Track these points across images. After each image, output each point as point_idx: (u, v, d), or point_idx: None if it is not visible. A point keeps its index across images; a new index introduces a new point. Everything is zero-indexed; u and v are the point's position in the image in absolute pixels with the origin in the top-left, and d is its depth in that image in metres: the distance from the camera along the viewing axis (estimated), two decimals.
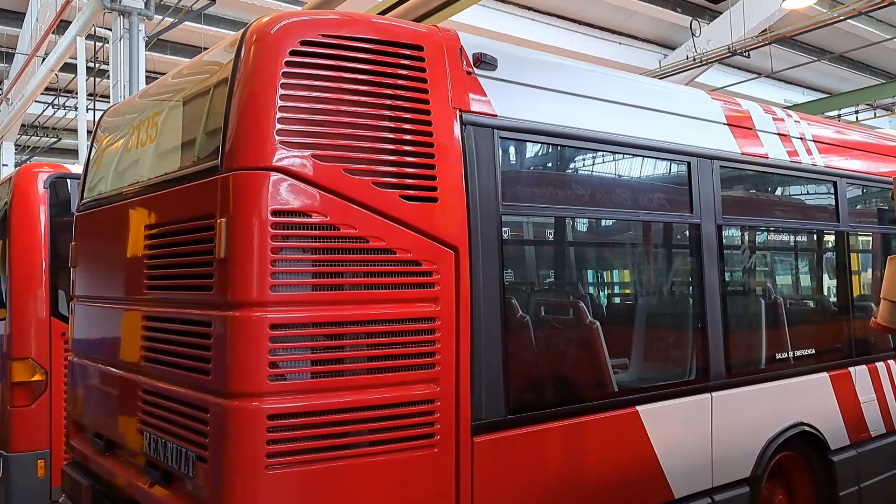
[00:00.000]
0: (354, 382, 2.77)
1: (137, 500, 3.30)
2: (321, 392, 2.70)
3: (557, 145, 3.71)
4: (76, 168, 5.66)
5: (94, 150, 4.25)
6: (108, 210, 3.75)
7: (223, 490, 2.63)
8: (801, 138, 4.90)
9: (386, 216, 2.85)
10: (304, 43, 2.81)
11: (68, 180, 5.62)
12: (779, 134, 4.74)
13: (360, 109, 2.86)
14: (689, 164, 4.06)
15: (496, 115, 3.25)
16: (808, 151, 4.93)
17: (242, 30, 2.92)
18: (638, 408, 3.67)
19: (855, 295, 5.32)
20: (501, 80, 3.31)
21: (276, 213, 2.66)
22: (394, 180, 2.90)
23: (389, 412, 2.81)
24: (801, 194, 5.41)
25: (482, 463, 3.02)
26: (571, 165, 4.02)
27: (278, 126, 2.70)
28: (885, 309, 3.22)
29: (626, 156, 3.94)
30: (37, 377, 5.29)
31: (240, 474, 2.60)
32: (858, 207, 5.72)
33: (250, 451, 2.59)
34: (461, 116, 3.11)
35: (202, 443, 2.76)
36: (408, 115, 2.96)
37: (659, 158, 4.06)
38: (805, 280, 5.73)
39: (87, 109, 10.58)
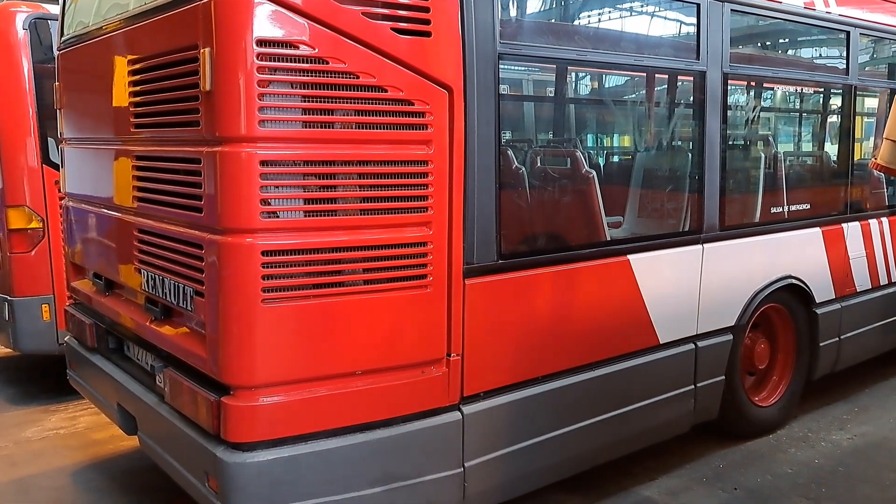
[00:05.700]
0: (347, 223, 2.77)
1: (139, 335, 3.42)
2: (314, 230, 2.70)
3: None
4: (57, 10, 5.37)
5: None
6: (90, 46, 3.60)
7: (221, 322, 2.70)
8: None
9: (377, 51, 2.72)
10: None
11: (49, 21, 5.35)
12: None
13: None
14: (698, 5, 3.85)
15: None
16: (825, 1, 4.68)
17: None
18: (629, 257, 3.71)
19: (856, 150, 5.24)
20: None
21: (261, 42, 2.53)
22: (385, 11, 2.74)
23: (382, 253, 2.82)
24: (812, 45, 5.19)
25: (473, 305, 3.08)
26: (574, 3, 3.81)
27: None
28: (887, 149, 3.12)
29: None
30: (34, 224, 5.32)
31: (236, 307, 2.66)
32: (869, 65, 5.51)
33: (246, 286, 2.63)
34: None
35: (199, 278, 2.80)
36: None
37: None
38: (807, 135, 5.63)
39: None
